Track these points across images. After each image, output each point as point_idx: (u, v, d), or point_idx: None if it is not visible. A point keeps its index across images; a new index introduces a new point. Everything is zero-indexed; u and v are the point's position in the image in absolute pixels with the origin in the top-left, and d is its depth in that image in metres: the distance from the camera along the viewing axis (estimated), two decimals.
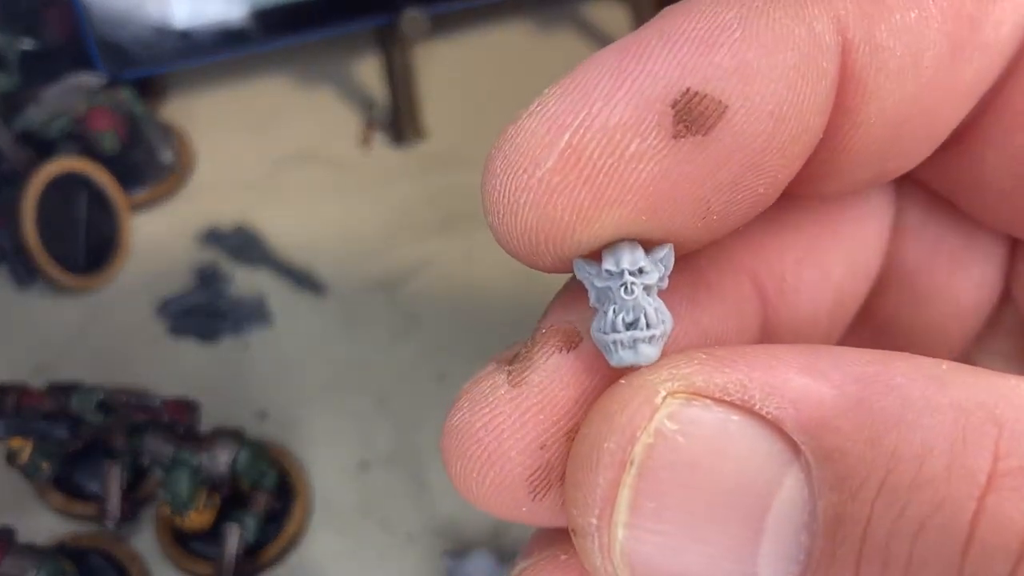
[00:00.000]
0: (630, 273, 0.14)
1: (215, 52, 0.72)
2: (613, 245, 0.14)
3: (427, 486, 0.57)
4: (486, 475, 0.15)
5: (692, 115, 0.13)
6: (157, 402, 0.55)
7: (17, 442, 0.51)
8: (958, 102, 0.15)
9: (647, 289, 0.14)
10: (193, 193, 0.72)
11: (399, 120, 0.76)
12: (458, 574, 0.52)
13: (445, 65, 0.82)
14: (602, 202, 0.13)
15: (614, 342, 0.14)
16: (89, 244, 0.66)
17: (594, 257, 0.15)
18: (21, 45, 0.69)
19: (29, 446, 0.51)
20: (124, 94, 0.68)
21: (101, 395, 0.54)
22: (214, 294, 0.65)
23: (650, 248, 0.14)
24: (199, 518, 0.52)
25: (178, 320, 0.64)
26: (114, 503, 0.52)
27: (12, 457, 0.51)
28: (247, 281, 0.67)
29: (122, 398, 0.55)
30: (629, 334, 0.14)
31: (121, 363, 0.62)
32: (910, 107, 0.14)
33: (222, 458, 0.51)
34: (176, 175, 0.72)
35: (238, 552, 0.51)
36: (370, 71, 0.81)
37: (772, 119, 0.13)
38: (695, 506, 0.12)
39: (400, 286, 0.67)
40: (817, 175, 0.15)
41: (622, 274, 0.14)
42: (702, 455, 0.12)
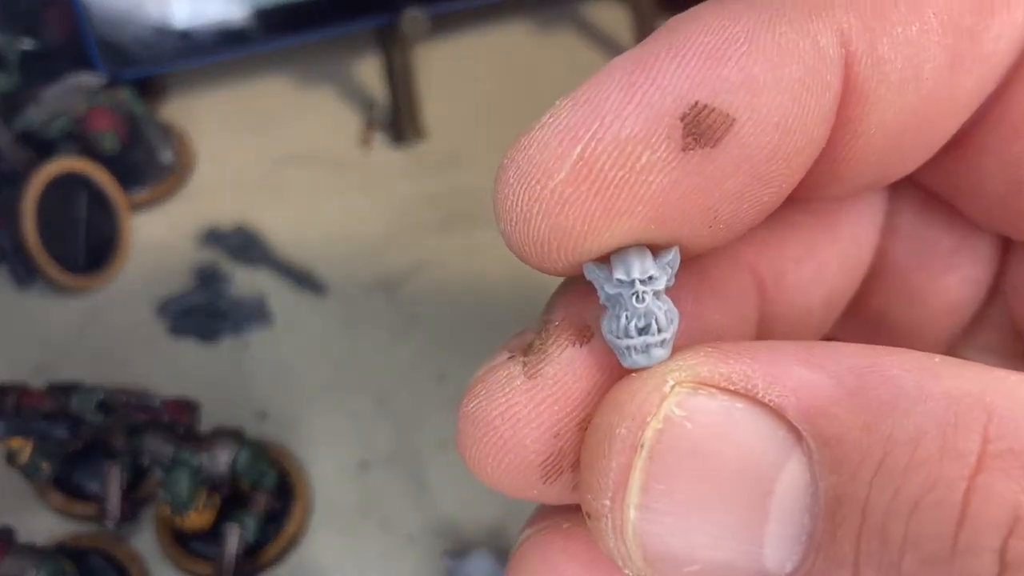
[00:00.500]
0: (640, 282, 0.14)
1: (215, 52, 0.72)
2: (622, 251, 0.14)
3: (427, 486, 0.57)
4: (501, 461, 0.15)
5: (701, 128, 0.13)
6: (157, 402, 0.55)
7: (17, 442, 0.51)
8: (956, 112, 0.15)
9: (656, 294, 0.14)
10: (193, 193, 0.72)
11: (399, 120, 0.76)
12: (458, 574, 0.52)
13: (445, 65, 0.82)
14: (612, 213, 0.14)
15: (627, 347, 0.14)
16: (89, 244, 0.66)
17: (603, 259, 0.15)
18: (21, 45, 0.69)
19: (29, 446, 0.51)
20: (124, 94, 0.68)
21: (101, 395, 0.54)
22: (214, 294, 0.65)
23: (657, 251, 0.15)
24: (199, 518, 0.52)
25: (178, 320, 0.64)
26: (114, 503, 0.52)
27: (12, 457, 0.51)
28: (247, 281, 0.67)
29: (122, 398, 0.55)
30: (642, 339, 0.14)
31: (121, 363, 0.62)
32: (910, 117, 0.14)
33: (222, 458, 0.51)
34: (176, 175, 0.72)
35: (238, 552, 0.51)
36: (370, 71, 0.81)
37: (778, 131, 0.14)
38: (703, 488, 0.13)
39: (400, 286, 0.67)
40: (818, 182, 0.16)
41: (633, 283, 0.14)
42: (708, 439, 0.13)
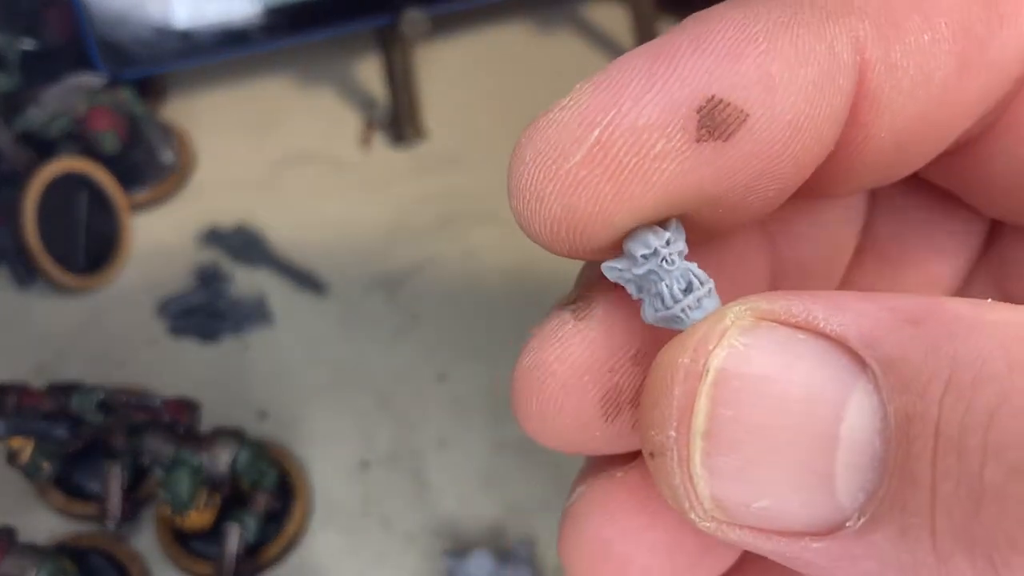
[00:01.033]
0: (664, 248, 0.15)
1: (215, 52, 0.72)
2: (632, 233, 0.15)
3: (427, 486, 0.57)
4: (562, 405, 0.16)
5: (715, 121, 0.14)
6: (157, 402, 0.55)
7: (18, 442, 0.51)
8: (963, 116, 0.15)
9: (680, 254, 0.15)
10: (193, 193, 0.72)
11: (399, 120, 0.76)
12: (458, 574, 0.52)
13: (445, 65, 0.82)
14: (623, 197, 0.14)
15: (681, 310, 0.15)
16: (89, 244, 0.66)
17: (613, 254, 0.15)
18: (21, 45, 0.69)
19: (30, 446, 0.51)
20: (124, 94, 0.68)
21: (101, 395, 0.54)
22: (214, 294, 0.65)
23: (662, 225, 0.15)
24: (199, 518, 0.52)
25: (178, 320, 0.64)
26: (114, 503, 0.52)
27: (12, 457, 0.51)
28: (247, 281, 0.67)
29: (122, 398, 0.55)
30: (692, 296, 0.15)
31: (121, 363, 0.62)
32: (919, 121, 0.15)
33: (222, 458, 0.51)
34: (176, 175, 0.72)
35: (238, 552, 0.51)
36: (370, 71, 0.81)
37: (789, 129, 0.14)
38: (769, 416, 0.13)
39: (400, 286, 0.67)
40: (824, 180, 0.16)
41: (656, 252, 0.15)
42: (772, 368, 0.13)
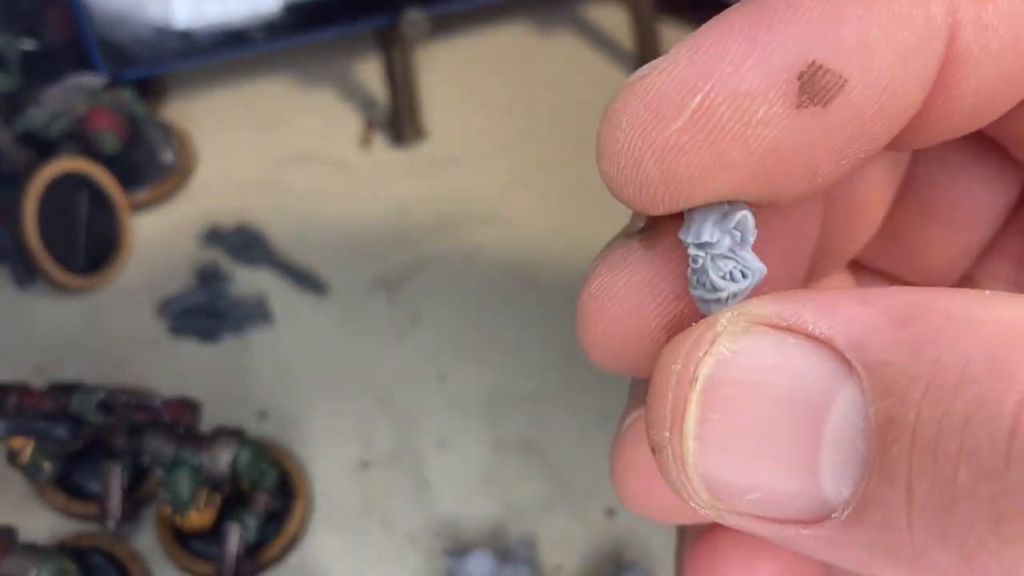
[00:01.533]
0: (696, 246, 0.15)
1: (216, 52, 0.72)
2: (692, 214, 0.16)
3: (427, 486, 0.57)
4: (629, 329, 0.16)
5: (815, 87, 0.14)
6: (157, 402, 0.55)
7: (18, 442, 0.51)
8: None
9: (713, 257, 0.15)
10: (194, 193, 0.72)
11: (399, 120, 0.76)
12: (458, 574, 0.52)
13: (445, 65, 0.82)
14: (723, 163, 0.14)
15: (716, 300, 0.15)
16: (89, 244, 0.66)
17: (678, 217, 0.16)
18: (21, 45, 0.69)
19: (30, 446, 0.51)
20: (125, 94, 0.68)
21: (101, 395, 0.54)
22: (215, 294, 0.65)
23: (729, 209, 0.16)
24: (199, 518, 0.52)
25: (178, 320, 0.64)
26: (115, 503, 0.52)
27: (13, 457, 0.51)
28: (248, 281, 0.67)
29: (122, 398, 0.55)
30: (733, 288, 0.15)
31: (121, 363, 0.62)
32: (1001, 82, 0.15)
33: (223, 458, 0.51)
34: (177, 175, 0.72)
35: (239, 552, 0.51)
36: (370, 71, 0.81)
37: (885, 94, 0.14)
38: (757, 418, 0.13)
39: (400, 286, 0.67)
40: (906, 137, 0.16)
41: (703, 246, 0.15)
42: (761, 371, 0.13)
